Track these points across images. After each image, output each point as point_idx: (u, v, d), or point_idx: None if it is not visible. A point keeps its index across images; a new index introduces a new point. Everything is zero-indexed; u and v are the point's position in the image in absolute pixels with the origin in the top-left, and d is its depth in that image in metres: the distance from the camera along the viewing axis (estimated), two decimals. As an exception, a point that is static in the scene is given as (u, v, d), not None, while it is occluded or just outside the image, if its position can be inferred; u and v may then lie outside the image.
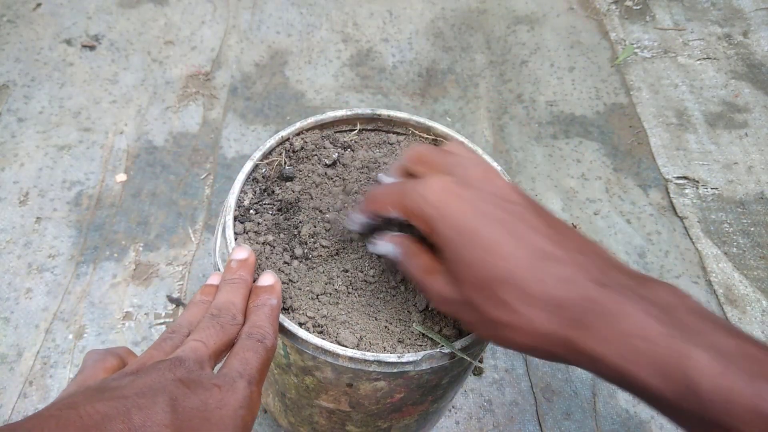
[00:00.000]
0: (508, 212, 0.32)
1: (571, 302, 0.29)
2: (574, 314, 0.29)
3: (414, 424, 0.51)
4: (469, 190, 0.33)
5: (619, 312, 0.28)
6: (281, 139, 0.48)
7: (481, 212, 0.32)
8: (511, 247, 0.31)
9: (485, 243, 0.31)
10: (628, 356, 0.27)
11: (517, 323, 0.30)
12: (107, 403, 0.26)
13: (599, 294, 0.29)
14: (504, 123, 0.97)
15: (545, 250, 0.31)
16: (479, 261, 0.31)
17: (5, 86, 0.92)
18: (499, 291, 0.31)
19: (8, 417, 0.63)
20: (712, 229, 0.86)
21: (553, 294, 0.30)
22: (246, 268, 0.38)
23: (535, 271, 0.30)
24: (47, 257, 0.75)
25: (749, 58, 1.10)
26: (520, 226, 0.32)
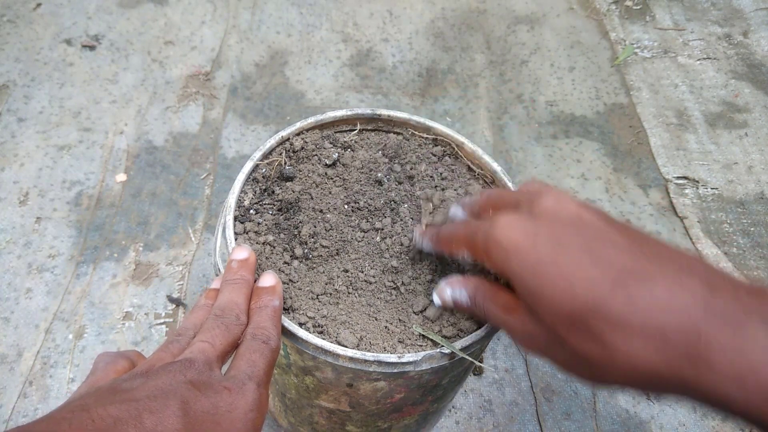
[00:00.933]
0: (583, 235, 0.29)
1: (678, 333, 0.25)
2: (685, 349, 0.24)
3: (414, 424, 0.51)
4: (536, 222, 0.31)
5: (740, 343, 0.24)
6: (281, 139, 0.48)
7: (554, 241, 0.29)
8: (595, 272, 0.27)
9: (564, 272, 0.28)
10: (759, 394, 0.23)
11: (617, 359, 0.26)
12: (119, 406, 0.26)
13: (711, 320, 0.24)
14: (504, 123, 0.97)
15: (635, 269, 0.27)
16: (561, 293, 0.28)
17: (5, 86, 0.92)
18: (588, 323, 0.27)
19: (8, 417, 0.63)
20: (712, 229, 0.86)
21: (654, 324, 0.25)
22: (247, 268, 0.38)
23: (628, 296, 0.26)
24: (47, 257, 0.75)
25: (749, 58, 1.10)
26: (599, 247, 0.28)
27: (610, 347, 0.26)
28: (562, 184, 0.89)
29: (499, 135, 0.95)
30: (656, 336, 0.25)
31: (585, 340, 0.27)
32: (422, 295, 0.42)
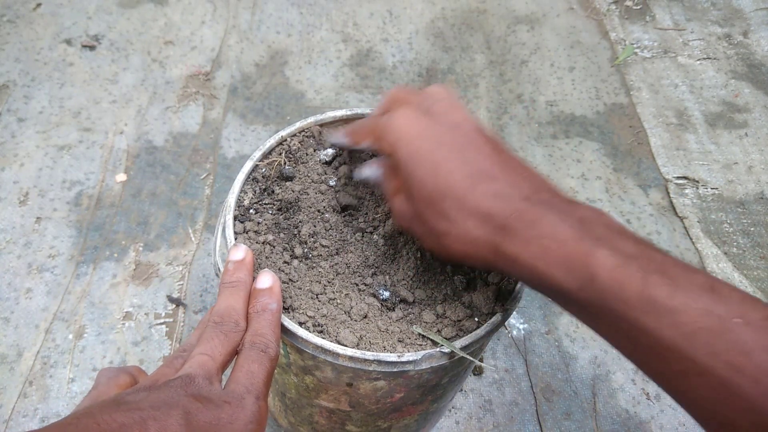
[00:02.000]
0: (458, 137, 0.36)
1: (499, 213, 0.33)
2: (499, 222, 0.33)
3: (414, 423, 0.51)
4: (427, 119, 0.37)
5: (537, 220, 0.32)
6: (281, 139, 0.48)
7: (433, 136, 0.36)
8: (455, 167, 0.35)
9: (433, 163, 0.35)
10: (539, 255, 0.31)
11: (454, 231, 0.34)
12: (124, 414, 0.27)
13: (525, 206, 0.33)
14: (504, 123, 0.97)
15: (485, 170, 0.35)
16: (426, 177, 0.35)
17: (5, 86, 0.92)
18: (441, 204, 0.34)
19: (8, 417, 0.63)
20: (712, 229, 0.86)
21: (485, 206, 0.33)
22: (243, 269, 0.38)
23: (473, 187, 0.34)
24: (47, 257, 0.75)
25: (749, 58, 1.10)
26: (467, 150, 0.35)
27: (453, 222, 0.34)
28: (562, 184, 0.89)
29: (499, 135, 0.95)
30: (483, 214, 0.34)
31: (436, 216, 0.35)
32: None
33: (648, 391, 0.70)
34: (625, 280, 0.28)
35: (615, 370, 0.72)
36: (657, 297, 0.27)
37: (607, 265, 0.29)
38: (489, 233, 0.33)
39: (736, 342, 0.26)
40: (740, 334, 0.26)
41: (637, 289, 0.28)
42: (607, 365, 0.72)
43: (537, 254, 0.31)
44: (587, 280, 0.29)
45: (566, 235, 0.31)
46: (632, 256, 0.29)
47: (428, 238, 0.37)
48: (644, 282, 0.28)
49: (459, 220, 0.34)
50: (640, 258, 0.29)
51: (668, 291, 0.27)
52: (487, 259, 0.34)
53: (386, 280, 0.43)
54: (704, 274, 0.29)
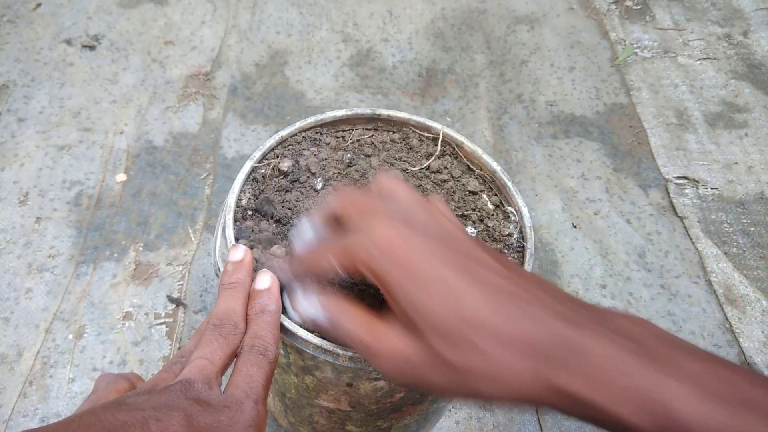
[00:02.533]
0: (458, 252, 0.31)
1: (541, 340, 0.28)
2: (545, 352, 0.28)
3: (414, 423, 0.51)
4: (416, 231, 0.31)
5: (587, 345, 0.27)
6: (281, 139, 0.48)
7: (435, 255, 0.30)
8: (475, 289, 0.29)
9: (447, 287, 0.29)
10: (601, 390, 0.26)
11: (494, 370, 0.28)
12: (127, 413, 0.27)
13: (567, 329, 0.28)
14: (504, 123, 0.97)
15: (506, 289, 0.29)
16: (445, 306, 0.29)
17: (5, 86, 0.92)
18: (471, 336, 0.28)
19: (8, 417, 0.63)
20: (712, 229, 0.86)
21: (525, 333, 0.28)
22: (242, 270, 0.38)
23: (504, 311, 0.28)
24: (47, 257, 0.75)
25: (749, 58, 1.10)
26: (474, 266, 0.30)
27: (490, 357, 0.28)
28: (562, 184, 0.89)
29: (499, 135, 0.95)
30: (525, 344, 0.28)
31: (464, 352, 0.28)
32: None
33: (648, 391, 0.70)
34: (711, 419, 0.25)
35: (615, 370, 0.72)
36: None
37: (686, 401, 0.25)
38: (536, 366, 0.27)
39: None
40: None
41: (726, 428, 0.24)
42: (607, 365, 0.72)
43: (597, 389, 0.26)
44: (666, 419, 0.25)
45: (627, 364, 0.26)
46: (707, 383, 0.25)
47: (455, 385, 0.29)
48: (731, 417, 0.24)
49: (498, 355, 0.28)
50: (715, 383, 0.26)
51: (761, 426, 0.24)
52: (539, 399, 0.28)
53: None
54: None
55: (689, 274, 0.81)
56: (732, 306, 0.77)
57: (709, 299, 0.78)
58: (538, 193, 0.88)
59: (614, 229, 0.85)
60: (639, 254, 0.82)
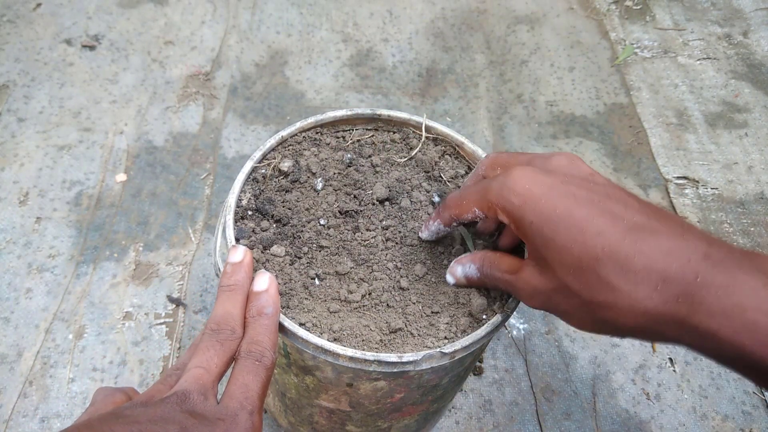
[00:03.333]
0: (595, 191, 0.31)
1: (678, 275, 0.27)
2: (682, 288, 0.27)
3: (414, 424, 0.51)
4: (553, 176, 0.32)
5: (731, 284, 0.26)
6: (281, 139, 0.48)
7: (568, 194, 0.31)
8: (605, 223, 0.29)
9: (577, 222, 0.30)
10: (745, 331, 0.26)
11: (620, 302, 0.29)
12: (123, 427, 0.27)
13: (708, 266, 0.27)
14: (504, 123, 0.97)
15: (642, 224, 0.29)
16: (572, 241, 0.30)
17: (5, 86, 0.92)
18: (597, 269, 0.29)
19: (8, 417, 0.63)
20: (712, 229, 0.86)
21: (658, 267, 0.28)
22: (242, 272, 0.38)
23: (635, 245, 0.28)
24: (47, 257, 0.75)
25: (749, 58, 1.10)
26: (611, 203, 0.30)
27: (617, 290, 0.28)
28: (562, 184, 0.89)
29: (499, 135, 0.95)
30: (658, 278, 0.28)
31: (593, 286, 0.29)
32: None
33: (648, 391, 0.70)
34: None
35: (615, 370, 0.72)
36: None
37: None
38: (670, 302, 0.28)
39: None
40: None
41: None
42: (607, 365, 0.72)
43: (742, 330, 0.26)
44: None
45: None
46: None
47: (580, 313, 0.31)
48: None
49: (624, 287, 0.28)
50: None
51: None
52: (666, 334, 0.29)
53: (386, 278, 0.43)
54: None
55: (689, 274, 0.81)
56: (732, 306, 0.77)
57: (709, 299, 0.78)
58: (538, 193, 0.88)
59: (614, 229, 0.85)
60: (639, 254, 0.82)
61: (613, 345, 0.74)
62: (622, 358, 0.73)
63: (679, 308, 0.27)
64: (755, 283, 0.26)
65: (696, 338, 0.28)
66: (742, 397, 0.71)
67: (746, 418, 0.69)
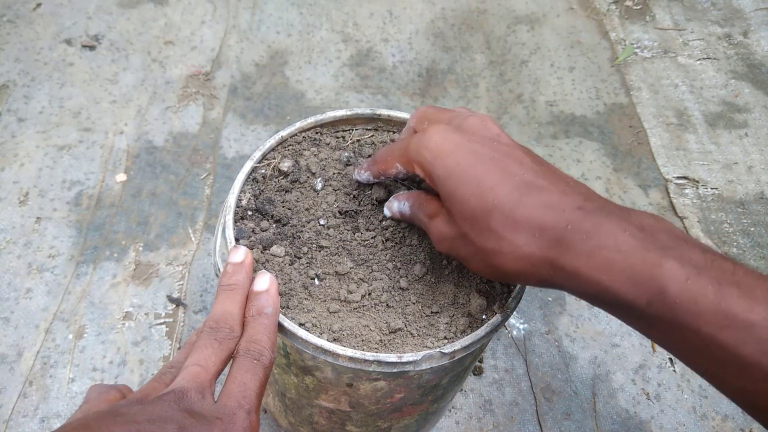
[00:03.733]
0: (497, 151, 0.34)
1: (552, 225, 0.31)
2: (554, 235, 0.31)
3: (414, 424, 0.51)
4: (462, 134, 0.35)
5: (595, 230, 0.30)
6: (281, 139, 0.48)
7: (471, 151, 0.34)
8: (498, 180, 0.33)
9: (475, 177, 0.33)
10: (602, 268, 0.29)
11: (505, 249, 0.32)
12: (121, 427, 0.27)
13: (579, 216, 0.31)
14: (504, 123, 0.97)
15: (531, 182, 0.33)
16: (469, 194, 0.33)
17: (5, 86, 0.92)
18: (487, 220, 0.33)
19: (8, 417, 0.63)
20: (712, 229, 0.86)
21: (536, 218, 0.32)
22: (242, 272, 0.38)
23: (520, 199, 0.32)
24: (47, 257, 0.75)
25: (749, 58, 1.10)
26: (508, 162, 0.34)
27: (502, 239, 0.32)
28: (562, 184, 0.89)
29: (499, 135, 0.95)
30: (535, 227, 0.32)
31: (483, 234, 0.33)
32: None
33: (648, 391, 0.70)
34: (698, 293, 0.27)
35: (615, 370, 0.72)
36: (734, 310, 0.26)
37: (678, 278, 0.27)
38: (544, 247, 0.31)
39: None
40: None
41: (712, 302, 0.26)
42: (607, 365, 0.72)
43: (599, 267, 0.29)
44: (656, 293, 0.28)
45: (629, 245, 0.29)
46: (702, 267, 0.27)
47: (475, 259, 0.35)
48: (719, 294, 0.26)
49: (509, 236, 0.32)
50: (711, 268, 0.27)
51: (746, 304, 0.26)
52: (543, 276, 0.32)
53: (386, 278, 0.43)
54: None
55: (689, 274, 0.80)
56: (732, 306, 0.77)
57: (709, 299, 0.78)
58: (538, 193, 0.88)
59: (614, 229, 0.85)
60: (639, 254, 0.82)
61: (613, 345, 0.74)
62: (622, 358, 0.73)
63: (551, 252, 0.31)
64: (616, 229, 0.30)
65: (565, 278, 0.31)
66: (742, 397, 0.71)
67: (746, 418, 0.69)
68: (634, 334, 0.75)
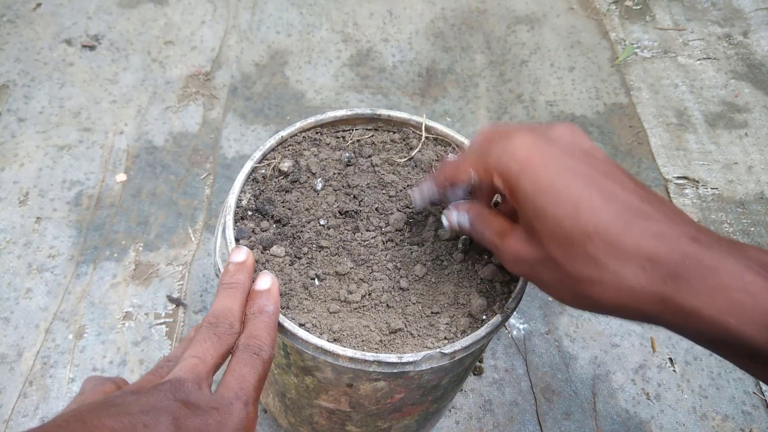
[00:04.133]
0: (595, 168, 0.31)
1: (666, 257, 0.28)
2: (669, 269, 0.28)
3: (414, 424, 0.51)
4: (554, 146, 0.32)
5: (718, 266, 0.27)
6: (281, 139, 0.48)
7: (567, 167, 0.31)
8: (601, 202, 0.30)
9: (573, 197, 0.30)
10: (728, 310, 0.27)
11: (606, 279, 0.29)
12: (114, 419, 0.26)
13: (696, 249, 0.28)
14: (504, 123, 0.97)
15: (636, 206, 0.30)
16: (565, 215, 0.30)
17: (5, 86, 0.92)
18: (586, 245, 0.29)
19: (8, 417, 0.63)
20: (712, 229, 0.86)
21: (647, 248, 0.28)
22: (244, 272, 0.38)
23: (627, 225, 0.29)
24: (47, 257, 0.75)
25: (749, 58, 1.10)
26: (609, 182, 0.31)
27: (603, 267, 0.29)
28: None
29: (499, 135, 0.95)
30: (646, 258, 0.28)
31: (579, 261, 0.30)
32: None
33: (648, 391, 0.70)
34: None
35: (615, 370, 0.72)
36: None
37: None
38: (656, 282, 0.28)
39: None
40: None
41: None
42: (607, 365, 0.72)
43: (725, 308, 0.27)
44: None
45: (756, 286, 0.26)
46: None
47: (562, 286, 0.32)
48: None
49: (612, 266, 0.29)
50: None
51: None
52: (648, 312, 0.29)
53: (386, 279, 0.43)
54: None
55: (689, 274, 0.80)
56: (732, 306, 0.77)
57: (709, 299, 0.78)
58: (538, 193, 0.88)
59: (614, 229, 0.85)
60: (639, 254, 0.82)
61: (613, 345, 0.74)
62: (622, 358, 0.73)
63: (665, 288, 0.28)
64: (740, 266, 0.27)
65: (678, 317, 0.28)
66: (742, 397, 0.71)
67: (746, 418, 0.69)
68: (634, 333, 0.75)
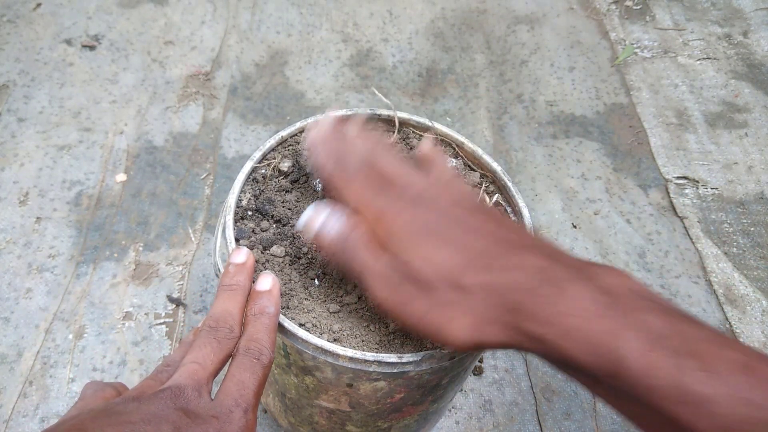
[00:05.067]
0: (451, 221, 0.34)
1: (514, 289, 0.31)
2: (515, 300, 0.30)
3: (414, 424, 0.51)
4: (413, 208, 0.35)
5: (558, 294, 0.29)
6: (281, 139, 0.48)
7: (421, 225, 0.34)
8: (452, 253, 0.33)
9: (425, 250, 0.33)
10: (564, 335, 0.28)
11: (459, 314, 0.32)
12: (116, 428, 0.27)
13: (544, 279, 0.30)
14: (504, 123, 0.97)
15: (487, 250, 0.33)
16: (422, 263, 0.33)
17: (5, 86, 0.92)
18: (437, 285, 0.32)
19: (8, 417, 0.63)
20: (712, 229, 0.86)
21: (497, 282, 0.31)
22: (244, 273, 0.38)
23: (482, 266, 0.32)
24: (47, 257, 0.75)
25: (749, 58, 1.10)
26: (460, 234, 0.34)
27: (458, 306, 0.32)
28: (562, 184, 0.89)
29: (499, 135, 0.95)
30: (496, 292, 0.31)
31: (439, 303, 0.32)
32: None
33: (648, 391, 0.70)
34: (655, 367, 0.26)
35: (615, 370, 0.72)
36: (690, 385, 0.25)
37: (636, 350, 0.26)
38: (502, 312, 0.31)
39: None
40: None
41: (668, 376, 0.25)
42: (607, 365, 0.72)
43: (561, 334, 0.28)
44: (615, 364, 0.27)
45: (591, 312, 0.28)
46: (661, 336, 0.27)
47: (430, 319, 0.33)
48: (676, 367, 0.26)
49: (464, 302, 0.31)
50: (671, 336, 0.27)
51: (702, 377, 0.25)
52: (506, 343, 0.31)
53: None
54: (739, 347, 0.26)
55: (689, 274, 0.81)
56: (732, 306, 0.78)
57: (709, 299, 0.78)
58: (538, 193, 0.88)
59: (614, 229, 0.85)
60: (639, 254, 0.82)
61: (613, 345, 0.74)
62: (622, 358, 0.73)
63: (512, 317, 0.30)
64: (582, 292, 0.29)
65: (533, 344, 0.30)
66: (742, 397, 0.71)
67: (746, 418, 0.69)
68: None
